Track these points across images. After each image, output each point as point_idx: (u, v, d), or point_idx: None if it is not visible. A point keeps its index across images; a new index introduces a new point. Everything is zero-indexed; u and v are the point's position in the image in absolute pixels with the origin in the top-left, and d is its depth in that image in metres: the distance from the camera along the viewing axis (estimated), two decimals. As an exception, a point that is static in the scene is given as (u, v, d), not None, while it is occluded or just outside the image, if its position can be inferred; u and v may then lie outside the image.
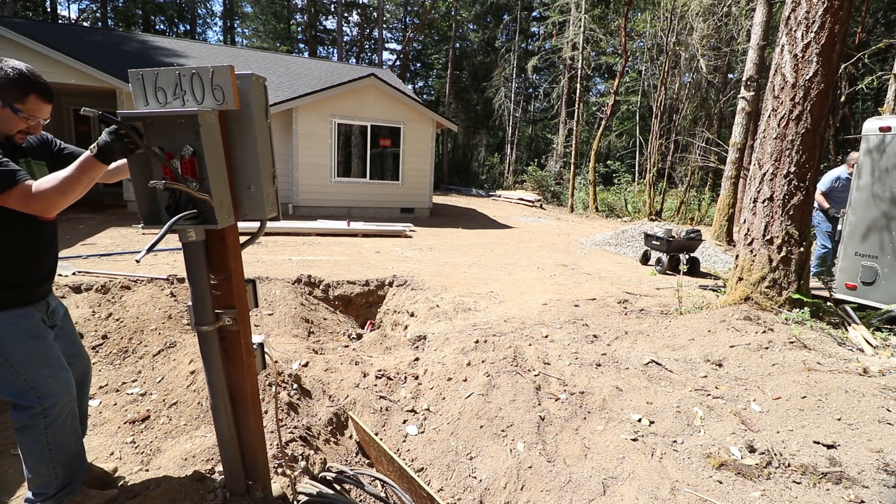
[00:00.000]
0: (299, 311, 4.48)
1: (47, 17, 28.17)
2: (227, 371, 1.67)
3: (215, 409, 1.68)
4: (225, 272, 1.56)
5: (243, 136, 1.41)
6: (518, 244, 9.66)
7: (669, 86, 18.46)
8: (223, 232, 1.51)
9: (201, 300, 1.55)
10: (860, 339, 3.95)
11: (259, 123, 1.41)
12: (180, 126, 1.33)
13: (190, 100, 1.35)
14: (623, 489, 2.22)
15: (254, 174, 1.45)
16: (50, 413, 1.66)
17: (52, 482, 1.71)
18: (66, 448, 1.71)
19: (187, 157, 1.34)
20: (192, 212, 1.36)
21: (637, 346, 3.90)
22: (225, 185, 1.42)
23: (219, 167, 1.38)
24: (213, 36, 41.46)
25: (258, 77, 1.40)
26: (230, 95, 1.33)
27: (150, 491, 1.85)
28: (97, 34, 14.27)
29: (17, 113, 1.56)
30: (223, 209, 1.40)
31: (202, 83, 1.33)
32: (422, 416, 2.94)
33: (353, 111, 11.93)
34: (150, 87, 1.36)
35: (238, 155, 1.44)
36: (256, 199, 1.47)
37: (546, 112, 31.32)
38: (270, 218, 1.54)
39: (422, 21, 32.42)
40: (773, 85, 4.43)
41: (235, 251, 1.58)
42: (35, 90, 1.57)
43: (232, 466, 1.78)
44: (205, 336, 1.58)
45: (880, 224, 4.90)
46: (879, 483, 2.12)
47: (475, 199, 20.85)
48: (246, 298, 1.64)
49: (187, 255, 1.51)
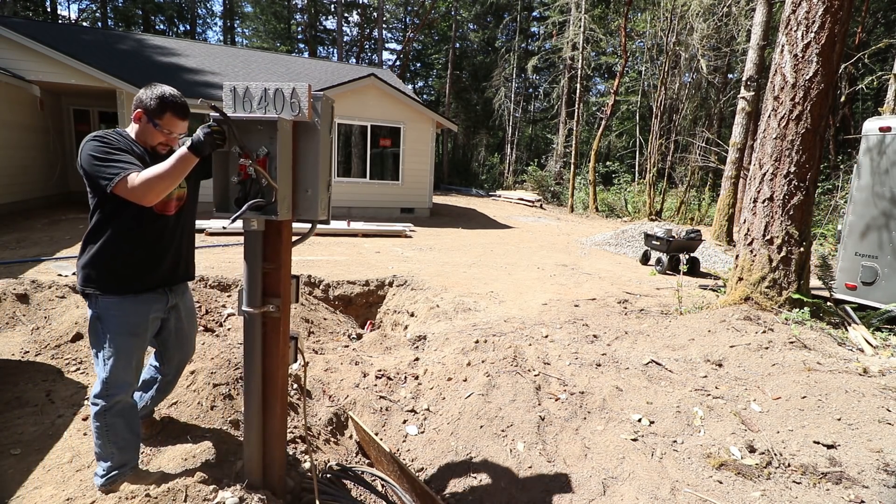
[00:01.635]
0: (299, 310, 4.48)
1: (47, 17, 28.17)
2: (264, 356, 1.82)
3: (247, 392, 1.83)
4: (276, 262, 1.76)
5: (309, 145, 1.66)
6: (518, 244, 9.66)
7: (669, 86, 18.47)
8: (280, 226, 1.74)
9: (253, 284, 1.74)
10: (860, 339, 3.95)
11: (323, 136, 1.66)
12: (258, 131, 1.61)
13: (271, 110, 1.61)
14: (623, 489, 2.22)
15: (312, 179, 1.68)
16: (111, 399, 1.90)
17: (110, 458, 1.94)
18: (121, 433, 1.94)
19: (262, 157, 1.60)
20: (260, 200, 1.60)
21: (637, 346, 3.89)
22: (289, 184, 1.66)
23: (286, 168, 1.63)
24: (213, 36, 41.51)
25: (328, 98, 1.66)
26: (305, 109, 1.59)
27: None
28: (97, 34, 14.26)
29: (157, 127, 1.87)
30: (284, 204, 1.64)
31: (283, 97, 1.59)
32: (422, 416, 2.94)
33: (353, 111, 11.93)
34: (240, 97, 1.64)
35: (302, 161, 1.68)
36: (312, 201, 1.69)
37: (546, 112, 31.32)
38: (321, 220, 1.75)
39: (422, 21, 32.41)
40: (773, 85, 4.43)
41: (288, 245, 1.78)
42: (171, 109, 1.87)
43: (253, 450, 1.88)
44: (250, 319, 1.77)
45: (880, 224, 4.91)
46: (879, 483, 2.12)
47: (475, 199, 20.85)
48: (290, 290, 1.82)
49: (247, 242, 1.73)
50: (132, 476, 1.97)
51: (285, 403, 1.90)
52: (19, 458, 2.21)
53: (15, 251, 5.87)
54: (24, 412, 2.54)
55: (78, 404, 2.63)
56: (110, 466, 1.94)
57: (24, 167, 9.34)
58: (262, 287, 1.75)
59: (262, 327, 1.78)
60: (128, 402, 1.97)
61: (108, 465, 1.94)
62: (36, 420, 2.46)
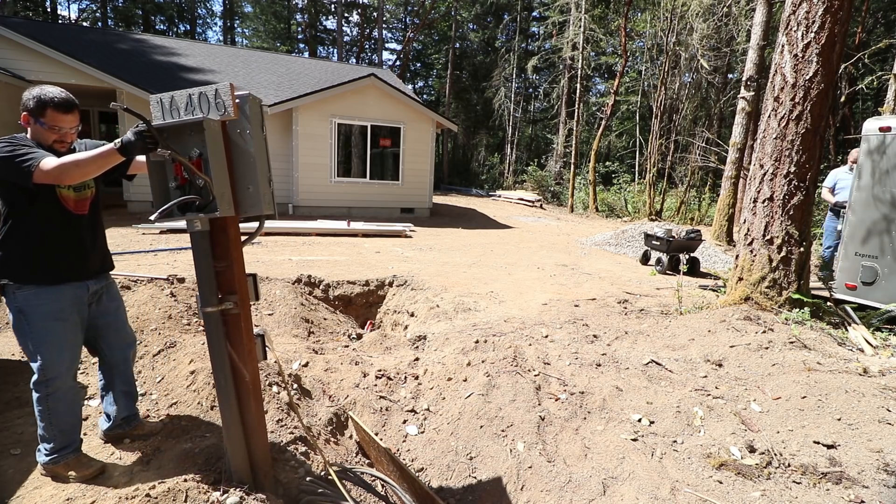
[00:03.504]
0: (299, 311, 4.48)
1: (47, 17, 28.17)
2: (230, 353, 1.83)
3: (219, 389, 1.85)
4: (227, 260, 1.77)
5: (242, 142, 1.68)
6: (518, 244, 9.66)
7: (669, 86, 18.46)
8: (225, 223, 1.74)
9: (206, 284, 1.75)
10: (860, 339, 3.95)
11: (255, 133, 1.67)
12: (190, 135, 1.65)
13: (199, 113, 1.65)
14: (623, 489, 2.22)
15: (252, 175, 1.69)
16: (51, 384, 1.99)
17: (53, 441, 2.04)
18: (62, 417, 2.04)
19: (195, 158, 1.63)
20: (194, 196, 1.64)
21: (637, 346, 3.89)
22: (226, 181, 1.66)
23: (221, 166, 1.64)
24: (213, 36, 41.50)
25: (255, 97, 1.67)
26: (230, 108, 1.61)
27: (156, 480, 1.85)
28: (97, 34, 14.26)
29: (43, 126, 1.92)
30: (224, 201, 1.64)
31: (208, 100, 1.62)
32: (422, 416, 2.94)
33: (353, 111, 11.92)
34: (167, 107, 1.69)
35: (237, 159, 1.69)
36: (254, 197, 1.70)
37: (546, 112, 31.31)
38: (267, 215, 1.76)
39: (422, 21, 32.41)
40: (773, 85, 4.43)
41: (237, 242, 1.79)
42: (50, 105, 1.90)
43: (235, 448, 1.88)
44: (209, 317, 1.78)
45: (880, 224, 4.90)
46: (879, 483, 2.12)
47: (475, 199, 20.85)
48: (246, 285, 1.84)
49: (194, 243, 1.74)
50: (74, 459, 2.08)
51: (259, 398, 1.92)
52: (19, 458, 2.21)
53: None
54: (24, 412, 2.55)
55: (78, 404, 2.63)
56: (53, 448, 2.05)
57: (24, 167, 9.33)
58: (216, 285, 1.77)
59: (223, 325, 1.81)
60: (67, 387, 2.04)
61: (50, 447, 2.05)
62: (36, 420, 2.45)
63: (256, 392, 1.89)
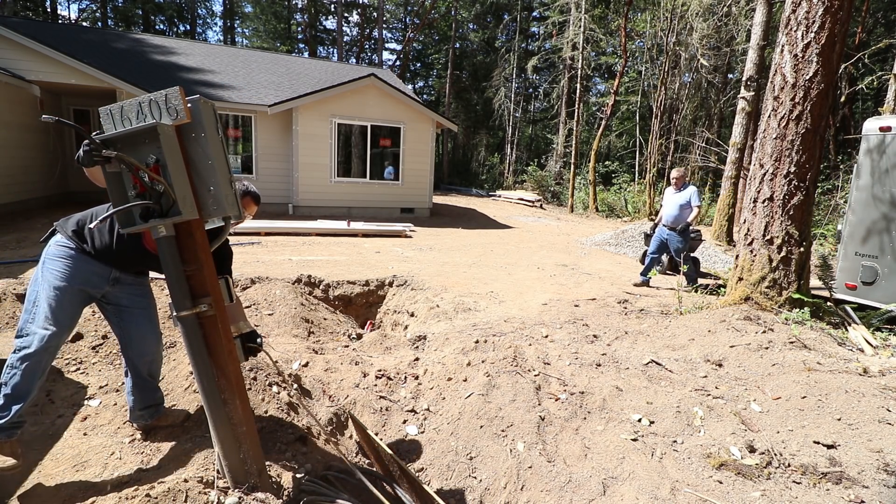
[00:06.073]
0: (299, 311, 4.48)
1: (47, 17, 28.15)
2: (210, 355, 1.83)
3: (203, 392, 1.84)
4: (196, 263, 1.77)
5: (198, 144, 1.67)
6: (518, 244, 9.66)
7: (669, 86, 18.47)
8: (191, 227, 1.73)
9: (178, 288, 1.75)
10: (860, 339, 3.95)
11: (210, 135, 1.67)
12: (145, 143, 1.62)
13: (151, 120, 1.63)
14: (623, 489, 2.22)
15: (212, 177, 1.68)
16: (21, 342, 1.99)
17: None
18: (18, 383, 1.99)
19: (152, 164, 1.61)
20: (149, 202, 1.62)
21: (637, 346, 3.89)
22: (186, 184, 1.65)
23: (179, 170, 1.64)
24: (213, 36, 41.46)
25: (206, 100, 1.67)
26: (182, 112, 1.61)
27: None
28: (97, 34, 14.26)
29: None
30: (187, 203, 1.64)
31: (160, 106, 1.61)
32: (422, 416, 2.94)
33: (353, 111, 11.92)
34: (118, 118, 1.67)
35: (196, 162, 1.69)
36: (217, 198, 1.69)
37: (546, 112, 31.30)
38: (232, 216, 1.77)
39: (422, 21, 32.40)
40: (773, 85, 4.43)
41: (204, 244, 1.78)
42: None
43: (227, 449, 1.87)
44: (185, 321, 1.77)
45: (880, 224, 4.91)
46: (879, 483, 2.12)
47: (475, 199, 20.84)
48: (219, 287, 1.83)
49: (161, 249, 1.73)
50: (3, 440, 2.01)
51: (245, 399, 1.92)
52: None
53: (15, 251, 5.87)
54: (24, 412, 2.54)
55: (78, 404, 2.63)
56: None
57: (25, 167, 9.34)
58: (188, 289, 1.77)
59: (200, 329, 1.80)
60: (38, 356, 1.99)
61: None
62: (36, 420, 2.45)
63: (241, 393, 1.89)
